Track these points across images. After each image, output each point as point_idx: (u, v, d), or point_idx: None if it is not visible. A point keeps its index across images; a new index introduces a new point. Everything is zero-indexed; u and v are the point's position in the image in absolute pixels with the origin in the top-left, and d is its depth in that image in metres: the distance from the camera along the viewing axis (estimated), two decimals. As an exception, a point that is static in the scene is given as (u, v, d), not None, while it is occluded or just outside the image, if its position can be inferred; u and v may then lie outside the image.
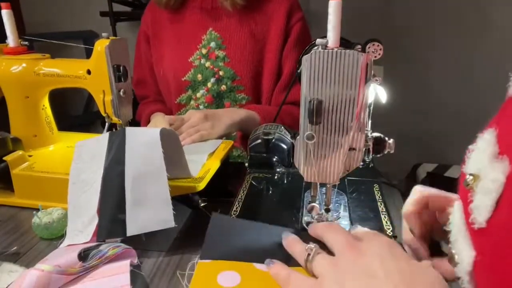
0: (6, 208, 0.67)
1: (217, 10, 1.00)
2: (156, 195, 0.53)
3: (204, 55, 1.00)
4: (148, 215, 0.52)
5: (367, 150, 0.48)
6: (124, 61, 0.70)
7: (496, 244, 0.28)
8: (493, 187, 0.28)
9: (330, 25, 0.45)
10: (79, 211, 0.55)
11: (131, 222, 0.52)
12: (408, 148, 1.49)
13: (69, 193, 0.57)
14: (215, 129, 0.82)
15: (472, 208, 0.31)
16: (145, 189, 0.53)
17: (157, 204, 0.53)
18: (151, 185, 0.53)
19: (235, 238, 0.48)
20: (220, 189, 0.66)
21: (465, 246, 0.32)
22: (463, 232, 0.33)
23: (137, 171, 0.54)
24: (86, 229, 0.53)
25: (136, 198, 0.53)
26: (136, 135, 0.58)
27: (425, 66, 2.02)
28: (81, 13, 2.31)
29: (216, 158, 0.71)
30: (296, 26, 1.00)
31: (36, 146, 0.77)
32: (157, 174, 0.54)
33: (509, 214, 0.27)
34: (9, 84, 0.75)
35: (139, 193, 0.53)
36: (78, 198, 0.56)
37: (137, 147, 0.56)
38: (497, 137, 0.31)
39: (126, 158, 0.55)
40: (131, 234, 0.51)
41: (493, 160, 0.30)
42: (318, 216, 0.54)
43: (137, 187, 0.53)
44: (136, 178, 0.54)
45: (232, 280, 0.42)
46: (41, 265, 0.44)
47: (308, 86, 0.45)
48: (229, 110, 0.92)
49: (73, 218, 0.56)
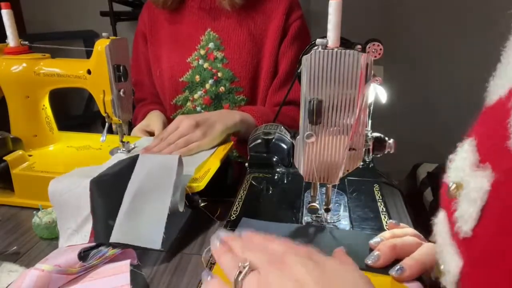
0: (6, 208, 0.67)
1: (215, 10, 0.98)
2: (153, 214, 0.53)
3: (203, 56, 0.98)
4: (138, 229, 0.52)
5: (367, 150, 0.48)
6: (124, 61, 0.70)
7: (483, 253, 0.27)
8: (478, 195, 0.28)
9: (330, 25, 0.45)
10: (66, 209, 0.55)
11: (118, 230, 0.51)
12: (408, 148, 1.49)
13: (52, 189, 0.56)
14: (207, 138, 0.75)
15: (457, 217, 0.30)
16: (144, 205, 0.53)
17: (151, 223, 0.52)
18: (151, 203, 0.53)
19: None
20: (220, 189, 0.66)
21: (452, 256, 0.31)
22: (448, 242, 0.32)
23: (142, 185, 0.54)
24: (81, 229, 0.53)
25: (132, 209, 0.52)
26: (151, 157, 0.59)
27: (425, 66, 2.02)
28: (81, 12, 2.31)
29: (216, 158, 0.71)
30: (294, 24, 0.99)
31: (36, 146, 0.77)
32: (163, 195, 0.53)
33: (495, 222, 0.26)
34: (9, 84, 0.75)
35: (136, 206, 0.53)
36: (60, 196, 0.55)
37: (150, 164, 0.57)
38: (477, 146, 0.31)
39: (135, 172, 0.56)
40: (114, 241, 0.50)
41: (474, 169, 0.30)
42: (317, 217, 0.54)
43: (136, 200, 0.53)
44: (138, 191, 0.54)
45: None
46: (41, 265, 0.44)
47: (308, 86, 0.45)
48: (223, 114, 0.85)
49: (62, 216, 0.55)
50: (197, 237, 0.57)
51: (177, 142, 0.73)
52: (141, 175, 0.55)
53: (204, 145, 0.75)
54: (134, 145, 0.77)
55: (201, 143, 0.74)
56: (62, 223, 0.55)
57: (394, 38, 1.85)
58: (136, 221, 0.52)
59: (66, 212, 0.55)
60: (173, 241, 0.56)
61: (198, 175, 0.63)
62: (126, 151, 0.75)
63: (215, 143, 0.77)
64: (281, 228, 0.52)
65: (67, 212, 0.54)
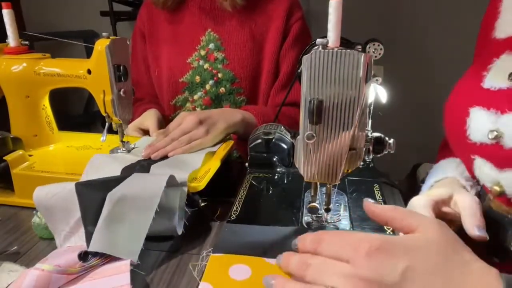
0: (6, 208, 0.67)
1: (216, 10, 0.98)
2: (134, 225, 0.50)
3: (203, 57, 0.98)
4: (116, 238, 0.49)
5: (367, 150, 0.48)
6: (124, 60, 0.70)
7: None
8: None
9: (330, 24, 0.45)
10: (54, 212, 0.53)
11: (95, 238, 0.49)
12: (408, 148, 1.49)
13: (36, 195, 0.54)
14: (210, 135, 0.75)
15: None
16: (125, 214, 0.50)
17: (131, 234, 0.49)
18: (133, 213, 0.50)
19: (248, 235, 0.51)
20: (220, 189, 0.66)
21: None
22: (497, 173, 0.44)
23: (126, 193, 0.51)
24: (76, 230, 0.53)
25: (112, 217, 0.50)
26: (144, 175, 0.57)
27: (425, 66, 2.02)
28: (82, 12, 2.31)
29: (216, 158, 0.71)
30: (295, 25, 0.98)
31: (36, 145, 0.77)
32: (148, 206, 0.50)
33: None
34: (9, 83, 0.75)
35: (117, 214, 0.50)
36: (46, 200, 0.53)
37: (141, 179, 0.55)
38: None
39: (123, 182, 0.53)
40: (93, 250, 0.48)
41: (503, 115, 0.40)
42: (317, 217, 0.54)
43: (118, 208, 0.50)
44: (121, 198, 0.50)
45: (243, 274, 0.43)
46: (41, 265, 0.44)
47: (309, 86, 0.45)
48: (225, 112, 0.85)
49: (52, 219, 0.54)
50: (197, 237, 0.57)
51: (180, 139, 0.73)
52: (126, 184, 0.53)
53: (206, 143, 0.75)
54: (134, 145, 0.77)
55: (203, 140, 0.74)
56: (54, 226, 0.54)
57: (394, 38, 1.85)
58: (115, 230, 0.50)
59: (55, 215, 0.53)
60: (173, 241, 0.56)
61: (198, 175, 0.63)
62: (126, 151, 0.75)
63: (216, 140, 0.77)
64: (281, 232, 0.52)
65: (56, 215, 0.53)
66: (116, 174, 0.60)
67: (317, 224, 0.54)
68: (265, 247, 0.48)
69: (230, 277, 0.43)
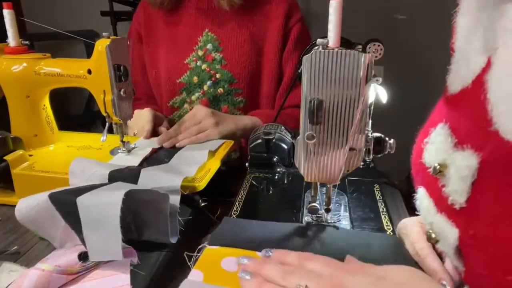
0: (6, 208, 0.67)
1: (213, 10, 0.97)
2: (106, 226, 0.47)
3: (201, 57, 0.97)
4: (96, 243, 0.47)
5: (367, 150, 0.48)
6: (124, 60, 0.70)
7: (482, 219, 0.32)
8: (469, 172, 0.32)
9: (330, 25, 0.45)
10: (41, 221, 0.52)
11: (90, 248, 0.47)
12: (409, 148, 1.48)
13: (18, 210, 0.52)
14: (218, 128, 0.81)
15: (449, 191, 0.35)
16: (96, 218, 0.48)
17: (106, 235, 0.47)
18: (102, 214, 0.48)
19: (245, 229, 0.51)
20: (220, 189, 0.66)
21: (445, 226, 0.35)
22: (433, 214, 0.37)
23: (91, 197, 0.49)
24: (71, 232, 0.51)
25: (87, 224, 0.48)
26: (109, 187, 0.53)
27: (425, 66, 2.02)
28: (82, 12, 2.31)
29: (216, 158, 0.71)
30: (295, 28, 0.98)
31: (36, 145, 0.77)
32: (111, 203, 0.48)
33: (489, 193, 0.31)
34: (9, 83, 0.75)
35: (90, 220, 0.48)
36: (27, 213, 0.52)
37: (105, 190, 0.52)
38: (450, 129, 0.36)
39: None
40: (96, 260, 0.47)
41: (455, 150, 0.34)
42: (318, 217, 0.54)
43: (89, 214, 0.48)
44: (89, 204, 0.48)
45: (234, 266, 0.44)
46: (41, 265, 0.44)
47: (309, 86, 0.45)
48: (235, 116, 0.91)
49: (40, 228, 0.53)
50: (197, 237, 0.57)
51: (191, 129, 0.79)
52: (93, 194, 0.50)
53: (213, 135, 0.80)
54: (134, 145, 0.77)
55: (210, 132, 0.80)
56: (47, 234, 0.53)
57: (394, 38, 1.85)
58: (93, 235, 0.48)
59: (42, 224, 0.52)
60: (173, 241, 0.56)
61: (198, 175, 0.63)
62: (126, 151, 0.75)
63: (222, 135, 0.81)
64: (279, 228, 0.52)
65: (44, 224, 0.52)
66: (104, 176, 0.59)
67: (317, 224, 0.54)
68: (260, 242, 0.48)
69: (222, 267, 0.44)
